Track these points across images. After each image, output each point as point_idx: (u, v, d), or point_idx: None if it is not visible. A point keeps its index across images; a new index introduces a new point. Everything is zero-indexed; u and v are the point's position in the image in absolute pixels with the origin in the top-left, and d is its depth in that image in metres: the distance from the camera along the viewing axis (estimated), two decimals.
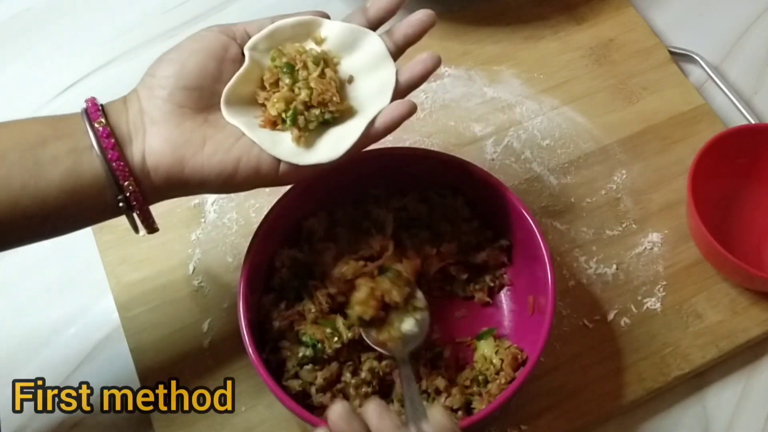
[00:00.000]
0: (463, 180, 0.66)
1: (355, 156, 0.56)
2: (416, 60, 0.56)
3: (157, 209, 0.60)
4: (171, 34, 0.87)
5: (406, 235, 0.66)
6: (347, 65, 0.57)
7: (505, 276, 0.67)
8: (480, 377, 0.62)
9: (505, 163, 0.77)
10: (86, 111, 0.52)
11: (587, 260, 0.71)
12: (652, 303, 0.69)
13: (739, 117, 0.80)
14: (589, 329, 0.68)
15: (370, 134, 0.55)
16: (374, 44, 0.56)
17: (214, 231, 0.72)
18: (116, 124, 0.52)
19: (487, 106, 0.80)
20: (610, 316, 0.68)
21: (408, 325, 0.61)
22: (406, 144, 0.77)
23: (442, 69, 0.82)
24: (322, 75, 0.54)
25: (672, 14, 0.89)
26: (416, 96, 0.79)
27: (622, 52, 0.84)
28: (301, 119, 0.54)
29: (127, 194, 0.51)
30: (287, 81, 0.54)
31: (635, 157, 0.77)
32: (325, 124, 0.55)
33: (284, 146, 0.54)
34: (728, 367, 0.69)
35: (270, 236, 0.62)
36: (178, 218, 0.72)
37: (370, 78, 0.56)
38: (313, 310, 0.62)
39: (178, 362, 0.66)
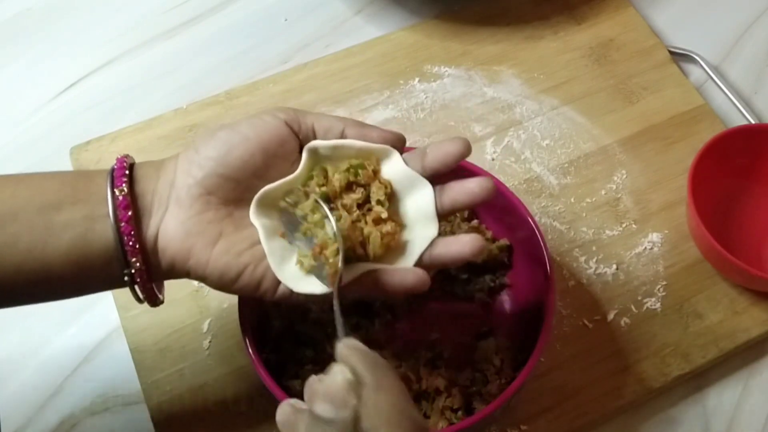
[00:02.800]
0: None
1: None
2: (457, 239, 0.50)
3: None
4: (171, 34, 0.87)
5: None
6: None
7: (505, 276, 0.67)
8: (480, 377, 0.62)
9: (505, 163, 0.77)
10: (112, 173, 0.49)
11: (587, 260, 0.71)
12: (652, 303, 0.69)
13: (739, 117, 0.80)
14: (589, 329, 0.68)
15: (367, 283, 0.50)
16: (425, 199, 0.51)
17: None
18: (141, 193, 0.49)
19: (487, 106, 0.80)
20: (610, 316, 0.68)
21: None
22: (406, 144, 0.76)
23: (442, 69, 0.82)
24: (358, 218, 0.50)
25: (672, 14, 0.89)
26: (417, 96, 0.80)
27: (622, 52, 0.84)
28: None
29: (133, 270, 0.48)
30: (317, 214, 0.50)
31: (635, 157, 0.77)
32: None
33: (287, 268, 0.49)
34: (728, 367, 0.69)
35: None
36: None
37: (409, 233, 0.51)
38: (313, 310, 0.62)
39: (178, 362, 0.66)
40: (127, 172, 0.49)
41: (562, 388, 0.65)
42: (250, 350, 0.56)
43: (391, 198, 0.51)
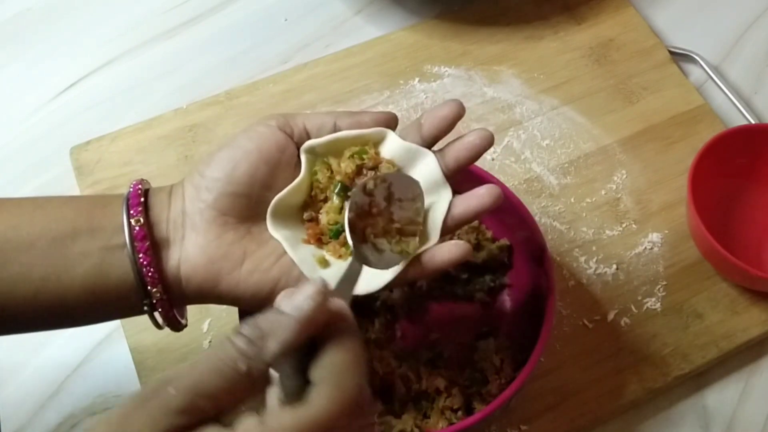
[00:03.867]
0: (463, 180, 0.66)
1: None
2: (473, 193, 0.50)
3: None
4: (171, 34, 0.87)
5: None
6: None
7: (505, 276, 0.67)
8: (480, 377, 0.62)
9: (505, 163, 0.77)
10: (127, 201, 0.48)
11: (587, 260, 0.71)
12: (652, 303, 0.69)
13: (739, 117, 0.80)
14: (589, 329, 0.68)
15: (413, 273, 0.49)
16: (429, 167, 0.50)
17: None
18: (156, 221, 0.48)
19: (487, 106, 0.80)
20: (610, 316, 0.68)
21: (382, 245, 0.50)
22: None
23: (442, 69, 0.82)
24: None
25: (672, 14, 0.89)
26: (417, 96, 0.80)
27: (622, 52, 0.84)
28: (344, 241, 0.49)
29: (154, 300, 0.47)
30: (337, 202, 0.50)
31: (635, 157, 0.77)
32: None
33: (322, 272, 0.49)
34: (728, 367, 0.69)
35: None
36: None
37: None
38: None
39: (178, 362, 0.66)
40: (142, 199, 0.48)
41: (562, 388, 0.65)
42: None
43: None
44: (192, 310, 0.67)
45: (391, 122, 0.52)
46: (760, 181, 0.74)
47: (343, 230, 0.49)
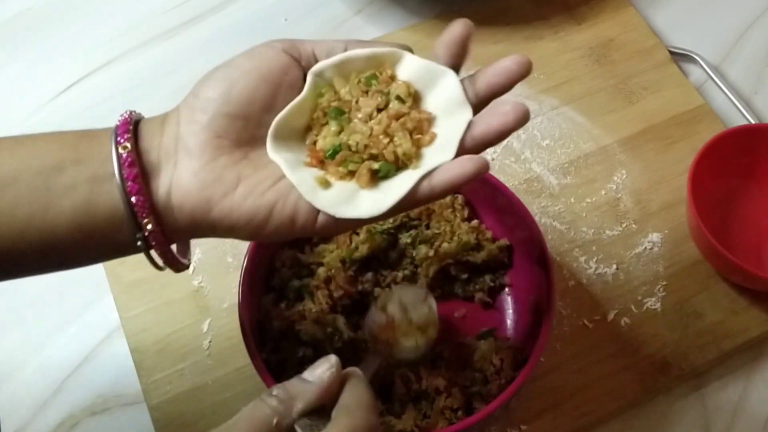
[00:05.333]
0: None
1: None
2: (495, 110, 0.45)
3: None
4: (171, 34, 0.87)
5: (406, 234, 0.67)
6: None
7: (505, 276, 0.67)
8: (480, 377, 0.62)
9: (505, 163, 0.77)
10: (115, 129, 0.45)
11: (587, 260, 0.71)
12: (652, 303, 0.69)
13: (739, 117, 0.80)
14: (589, 329, 0.68)
15: (423, 192, 0.45)
16: (450, 86, 0.46)
17: None
18: (147, 148, 0.45)
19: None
20: (610, 316, 0.68)
21: (408, 342, 0.60)
22: None
23: None
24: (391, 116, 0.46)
25: (672, 14, 0.89)
26: None
27: (622, 52, 0.84)
28: (344, 160, 0.46)
29: (146, 233, 0.44)
30: (334, 127, 0.46)
31: (635, 157, 0.77)
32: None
33: (324, 194, 0.45)
34: (728, 367, 0.69)
35: None
36: None
37: (439, 126, 0.46)
38: (313, 310, 0.62)
39: (178, 362, 0.66)
40: (131, 128, 0.45)
41: (562, 388, 0.65)
42: (250, 350, 0.56)
43: (416, 98, 0.47)
44: (192, 310, 0.68)
45: (407, 50, 0.49)
46: (760, 181, 0.74)
47: (341, 149, 0.46)
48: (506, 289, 0.67)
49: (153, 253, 0.46)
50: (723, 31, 0.88)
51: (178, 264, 0.48)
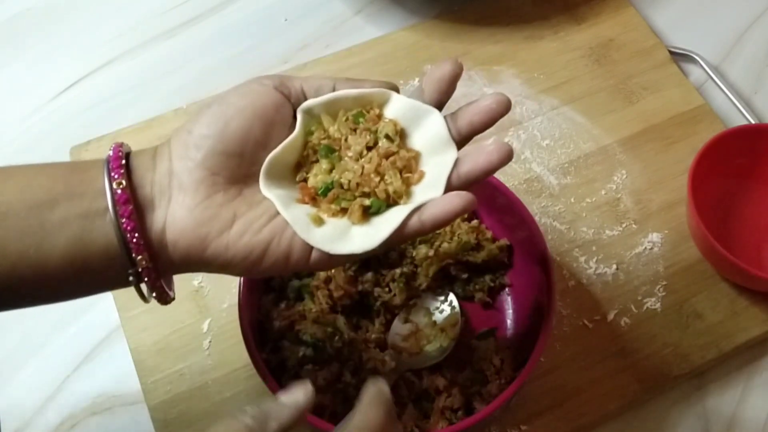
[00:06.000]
0: None
1: None
2: (480, 149, 0.47)
3: None
4: (171, 34, 0.87)
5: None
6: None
7: (505, 276, 0.67)
8: (480, 377, 0.62)
9: None
10: (107, 163, 0.45)
11: (587, 260, 0.71)
12: (652, 303, 0.69)
13: (739, 117, 0.80)
14: (589, 329, 0.68)
15: (413, 227, 0.45)
16: (436, 125, 0.47)
17: None
18: (140, 184, 0.45)
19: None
20: (610, 316, 0.68)
21: (432, 347, 0.63)
22: None
23: None
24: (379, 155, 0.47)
25: (672, 14, 0.89)
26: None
27: (622, 52, 0.84)
28: (336, 197, 0.47)
29: (140, 269, 0.44)
30: (324, 165, 0.47)
31: (635, 157, 0.77)
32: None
33: (317, 231, 0.46)
34: (728, 367, 0.69)
35: None
36: None
37: (426, 164, 0.48)
38: (313, 310, 0.62)
39: (178, 362, 0.66)
40: (123, 162, 0.45)
41: (562, 388, 0.65)
42: (250, 350, 0.56)
43: (402, 136, 0.48)
44: (192, 310, 0.68)
45: (393, 89, 0.49)
46: (760, 181, 0.74)
47: (333, 187, 0.47)
48: (506, 289, 0.67)
49: (142, 286, 0.46)
50: (723, 31, 0.88)
51: (165, 296, 0.48)
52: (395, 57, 0.83)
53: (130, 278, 0.45)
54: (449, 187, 0.46)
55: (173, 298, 0.49)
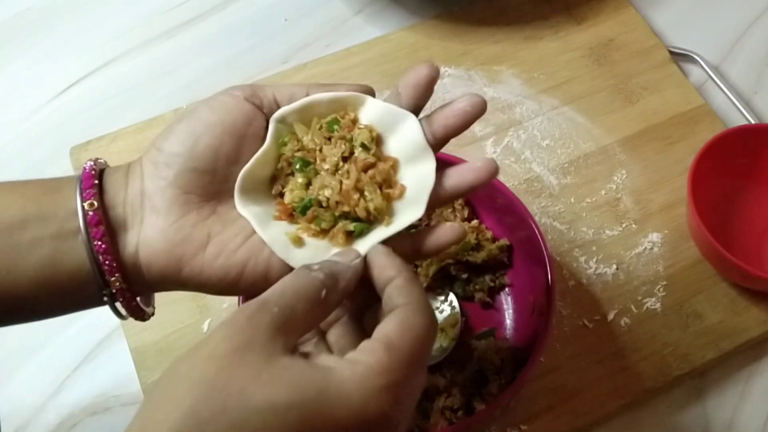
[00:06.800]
0: None
1: None
2: (470, 166, 0.46)
3: None
4: (171, 34, 0.87)
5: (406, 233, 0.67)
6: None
7: (505, 276, 0.67)
8: (480, 377, 0.62)
9: (505, 163, 0.77)
10: (80, 183, 0.44)
11: (587, 260, 0.71)
12: (652, 303, 0.69)
13: (739, 117, 0.80)
14: (589, 329, 0.68)
15: (403, 252, 0.44)
16: (411, 131, 0.46)
17: None
18: (112, 204, 0.44)
19: (487, 106, 0.80)
20: (610, 316, 0.68)
21: (433, 349, 0.62)
22: None
23: (442, 69, 0.82)
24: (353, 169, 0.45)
25: (672, 14, 0.89)
26: None
27: (622, 52, 0.84)
28: (315, 217, 0.45)
29: (113, 290, 0.44)
30: (300, 179, 0.46)
31: (635, 157, 0.77)
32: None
33: (297, 252, 0.44)
34: (728, 367, 0.69)
35: None
36: None
37: (405, 173, 0.46)
38: None
39: None
40: (96, 181, 0.44)
41: (562, 388, 0.65)
42: None
43: (378, 142, 0.46)
44: (192, 310, 0.68)
45: (368, 93, 0.48)
46: (760, 181, 0.74)
47: (311, 205, 0.45)
48: (506, 289, 0.67)
49: (117, 305, 0.45)
50: (723, 31, 0.88)
51: (142, 314, 0.47)
52: (395, 57, 0.83)
53: (105, 299, 0.44)
54: (432, 202, 0.45)
55: (152, 314, 0.48)
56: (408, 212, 0.45)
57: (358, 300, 0.45)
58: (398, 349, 0.38)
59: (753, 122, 0.79)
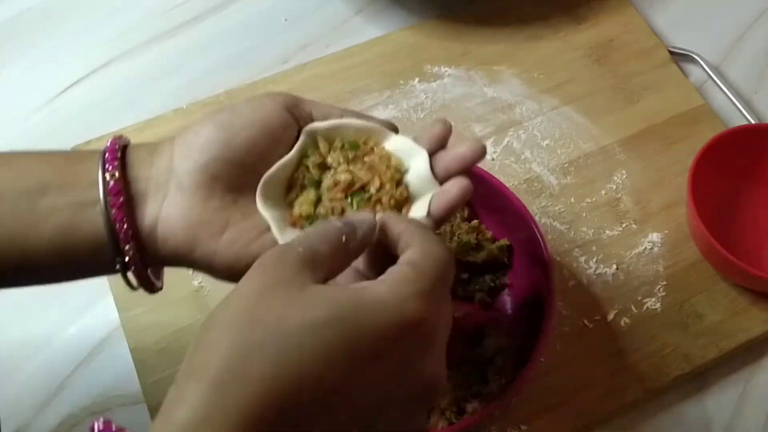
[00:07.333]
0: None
1: None
2: (444, 189, 0.48)
3: None
4: (171, 34, 0.87)
5: None
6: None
7: (505, 276, 0.67)
8: (480, 377, 0.62)
9: (505, 163, 0.77)
10: (103, 155, 0.46)
11: (587, 260, 0.71)
12: (652, 303, 0.69)
13: (739, 117, 0.80)
14: (589, 329, 0.68)
15: None
16: (421, 165, 0.48)
17: None
18: (135, 177, 0.46)
19: (487, 106, 0.80)
20: (610, 316, 0.68)
21: None
22: None
23: (442, 69, 0.82)
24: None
25: (672, 14, 0.89)
26: (417, 96, 0.80)
27: (622, 52, 0.84)
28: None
29: (127, 258, 0.45)
30: (311, 195, 0.48)
31: (635, 157, 0.77)
32: None
33: None
34: (728, 367, 0.69)
35: None
36: None
37: (414, 202, 0.49)
38: None
39: (178, 362, 0.65)
40: (119, 154, 0.46)
41: (562, 388, 0.65)
42: None
43: (399, 169, 0.49)
44: (192, 310, 0.68)
45: (394, 130, 0.51)
46: (760, 181, 0.74)
47: (316, 219, 0.47)
48: (506, 289, 0.67)
49: (129, 274, 0.47)
50: (723, 31, 0.88)
51: (152, 286, 0.48)
52: (395, 57, 0.83)
53: (117, 266, 0.46)
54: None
55: (161, 288, 0.49)
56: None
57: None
58: (423, 266, 0.40)
59: (753, 122, 0.79)
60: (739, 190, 0.74)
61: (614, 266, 0.71)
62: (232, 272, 0.46)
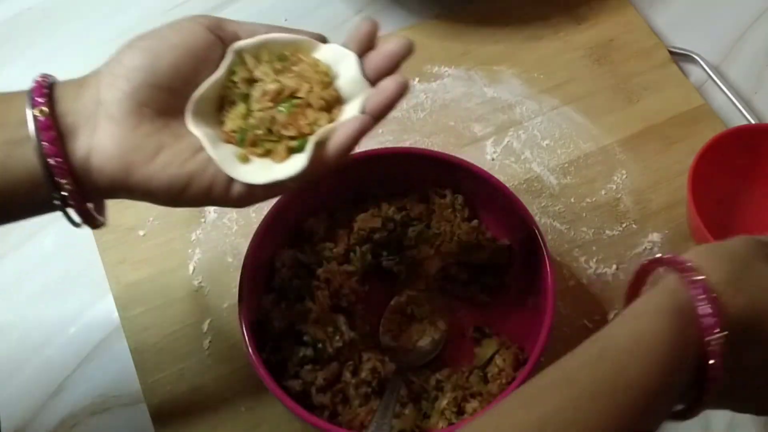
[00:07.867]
0: (463, 180, 0.66)
1: (356, 156, 0.55)
2: (381, 88, 0.49)
3: (156, 209, 0.59)
4: None
5: (410, 229, 0.67)
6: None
7: (505, 276, 0.67)
8: (480, 377, 0.62)
9: (505, 163, 0.77)
10: (31, 93, 0.46)
11: (587, 260, 0.71)
12: None
13: (739, 117, 0.80)
14: (589, 329, 0.68)
15: (322, 157, 0.47)
16: (351, 67, 0.49)
17: (214, 231, 0.72)
18: (63, 112, 0.46)
19: (487, 106, 0.80)
20: (610, 316, 0.68)
21: (424, 342, 0.63)
22: (406, 144, 0.77)
23: (442, 69, 0.82)
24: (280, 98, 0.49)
25: (672, 14, 0.89)
26: (417, 96, 0.80)
27: (622, 52, 0.84)
28: (256, 142, 0.48)
29: (64, 193, 0.45)
30: (241, 109, 0.49)
31: (635, 157, 0.77)
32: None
33: (243, 168, 0.48)
34: None
35: (270, 236, 0.63)
36: (177, 218, 0.72)
37: (347, 104, 0.50)
38: (314, 310, 0.62)
39: (178, 362, 0.66)
40: (46, 91, 0.46)
41: None
42: (250, 350, 0.56)
43: (329, 74, 0.50)
44: (192, 310, 0.68)
45: (321, 41, 0.51)
46: (760, 181, 0.74)
47: (246, 137, 0.48)
48: (506, 289, 0.67)
49: (70, 210, 0.47)
50: (723, 31, 0.88)
51: (94, 221, 0.48)
52: None
53: (56, 202, 0.46)
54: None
55: (103, 223, 0.49)
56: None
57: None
58: None
59: (753, 122, 0.79)
60: (739, 190, 0.74)
61: (614, 266, 0.71)
62: (171, 194, 0.47)
